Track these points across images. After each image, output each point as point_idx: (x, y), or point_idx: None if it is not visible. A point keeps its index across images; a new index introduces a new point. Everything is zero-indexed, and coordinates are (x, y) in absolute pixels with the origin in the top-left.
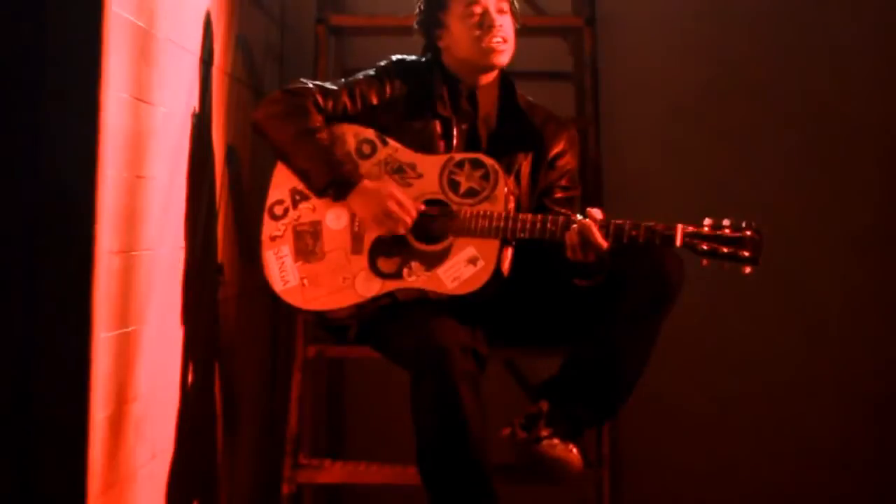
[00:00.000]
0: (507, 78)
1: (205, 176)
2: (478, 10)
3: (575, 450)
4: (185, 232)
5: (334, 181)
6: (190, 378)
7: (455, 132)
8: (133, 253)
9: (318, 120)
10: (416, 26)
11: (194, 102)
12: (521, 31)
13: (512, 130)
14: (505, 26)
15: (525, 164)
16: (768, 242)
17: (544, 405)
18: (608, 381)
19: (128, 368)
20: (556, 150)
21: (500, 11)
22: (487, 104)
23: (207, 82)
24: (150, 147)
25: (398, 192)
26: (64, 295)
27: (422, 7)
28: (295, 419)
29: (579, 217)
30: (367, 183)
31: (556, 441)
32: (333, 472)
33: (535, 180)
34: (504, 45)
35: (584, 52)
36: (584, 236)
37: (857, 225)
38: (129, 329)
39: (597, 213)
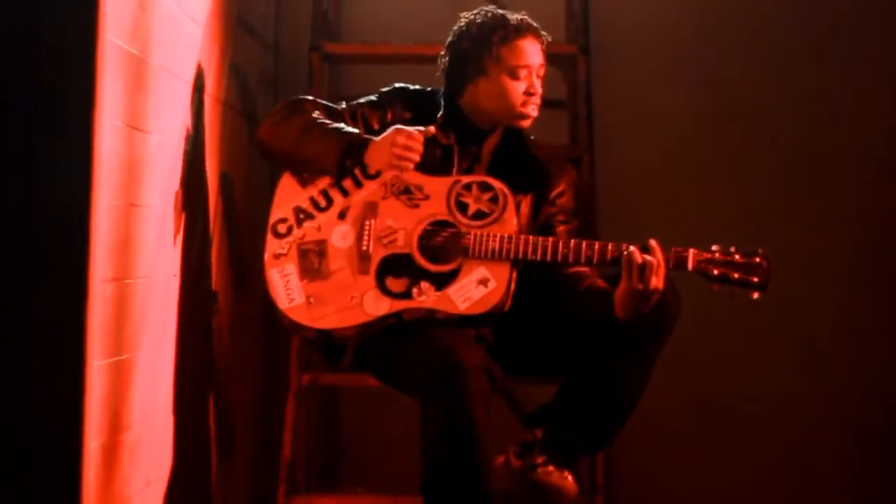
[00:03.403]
0: None
1: (199, 204)
2: (524, 73)
3: (570, 477)
4: (180, 260)
5: (349, 148)
6: (184, 406)
7: (455, 162)
8: (127, 281)
9: (319, 116)
10: (446, 54)
11: (188, 130)
12: None
13: (513, 169)
14: (541, 92)
15: (525, 203)
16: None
17: (539, 433)
18: (604, 409)
19: (122, 396)
20: (557, 190)
21: (539, 76)
22: (491, 143)
23: (201, 110)
24: (145, 175)
25: (401, 131)
26: (58, 323)
27: (465, 44)
28: (289, 447)
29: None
30: (376, 139)
31: (551, 468)
32: (328, 501)
33: (534, 218)
34: (536, 111)
35: (578, 80)
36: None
37: (851, 250)
38: (123, 357)
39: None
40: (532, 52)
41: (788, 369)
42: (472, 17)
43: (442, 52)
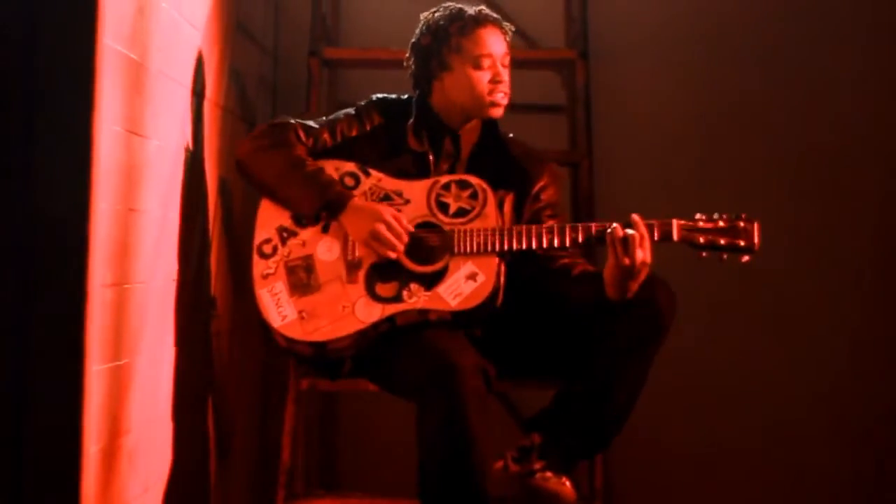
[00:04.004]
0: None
1: (198, 209)
2: (487, 62)
3: (568, 482)
4: (179, 265)
5: (326, 203)
6: (183, 411)
7: (432, 166)
8: (126, 286)
9: (301, 150)
10: (410, 55)
11: (187, 135)
12: (514, 64)
13: (493, 168)
14: (508, 80)
15: (507, 201)
16: (763, 279)
17: (536, 438)
18: (600, 413)
19: (120, 401)
20: (539, 185)
21: (504, 65)
22: (469, 143)
23: (200, 115)
24: (143, 180)
25: (388, 215)
26: (57, 327)
27: (425, 41)
28: (288, 452)
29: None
30: (357, 201)
31: (548, 474)
32: None
33: (518, 217)
34: (505, 99)
35: (577, 86)
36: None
37: (854, 262)
38: (122, 362)
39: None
40: (493, 41)
41: (788, 374)
42: (431, 13)
43: (407, 55)
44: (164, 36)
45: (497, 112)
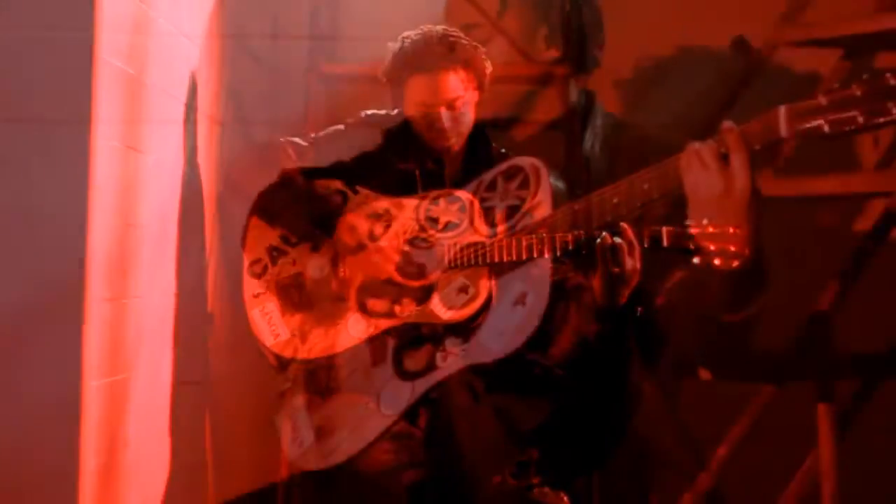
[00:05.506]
0: (479, 129)
1: (195, 223)
2: (421, 109)
3: (565, 498)
4: (176, 279)
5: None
6: (181, 426)
7: (419, 183)
8: (124, 300)
9: (291, 168)
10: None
11: (184, 150)
12: (510, 79)
13: None
14: (452, 120)
15: (500, 215)
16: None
17: (534, 453)
18: (598, 430)
19: (119, 416)
20: (532, 201)
21: (452, 108)
22: (455, 162)
23: (197, 130)
24: (141, 195)
25: (379, 243)
26: (55, 342)
27: (382, 78)
28: (286, 467)
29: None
30: (346, 218)
31: (546, 489)
32: None
33: (512, 229)
34: (452, 139)
35: (573, 101)
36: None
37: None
38: (120, 377)
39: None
40: (424, 90)
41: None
42: (391, 46)
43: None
44: (161, 51)
45: (445, 148)
